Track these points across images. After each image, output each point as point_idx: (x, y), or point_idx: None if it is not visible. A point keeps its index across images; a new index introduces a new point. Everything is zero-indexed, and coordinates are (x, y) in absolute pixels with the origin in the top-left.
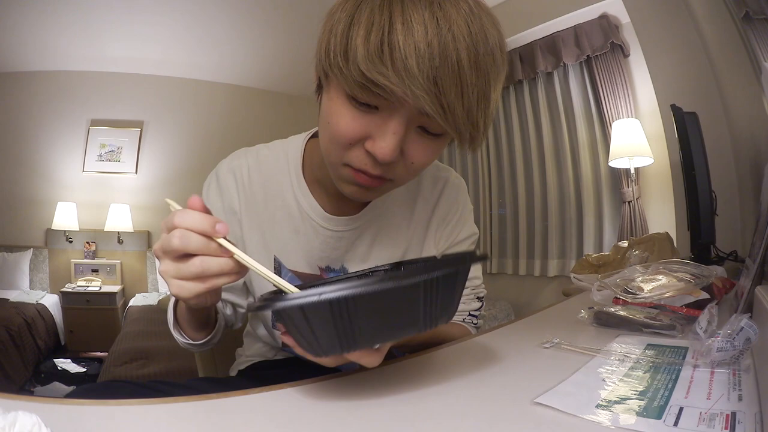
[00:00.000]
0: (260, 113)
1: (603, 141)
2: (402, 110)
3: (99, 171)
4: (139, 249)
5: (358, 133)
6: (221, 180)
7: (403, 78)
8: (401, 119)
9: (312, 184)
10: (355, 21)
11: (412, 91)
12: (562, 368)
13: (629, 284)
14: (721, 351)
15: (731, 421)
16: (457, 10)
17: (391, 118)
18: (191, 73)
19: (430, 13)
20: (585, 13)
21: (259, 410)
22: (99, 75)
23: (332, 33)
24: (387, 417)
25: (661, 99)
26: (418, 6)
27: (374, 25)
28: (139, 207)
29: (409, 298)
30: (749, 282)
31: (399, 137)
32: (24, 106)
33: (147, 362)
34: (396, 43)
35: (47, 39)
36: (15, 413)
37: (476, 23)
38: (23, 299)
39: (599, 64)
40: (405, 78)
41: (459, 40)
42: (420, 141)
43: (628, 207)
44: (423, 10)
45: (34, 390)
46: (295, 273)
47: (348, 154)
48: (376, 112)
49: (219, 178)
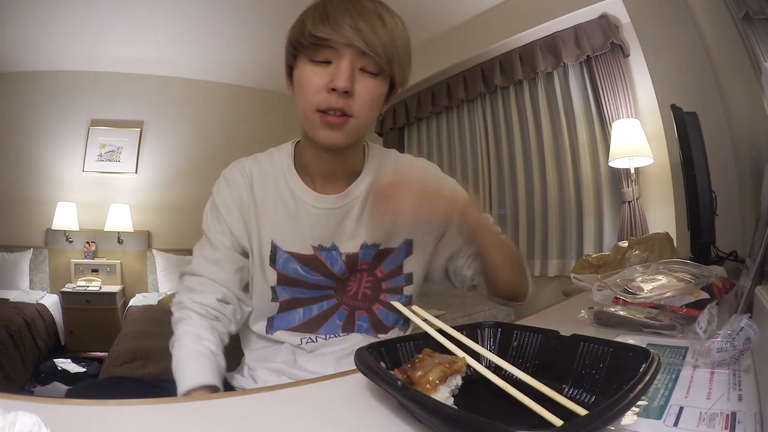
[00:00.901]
0: (260, 113)
1: (603, 141)
2: (345, 56)
3: (99, 171)
4: (139, 249)
5: (321, 80)
6: (230, 179)
7: (336, 29)
8: (346, 60)
9: (301, 172)
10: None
11: (342, 35)
12: None
13: (629, 284)
14: (721, 351)
15: (731, 421)
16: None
17: (340, 62)
18: (191, 73)
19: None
20: (585, 13)
21: (259, 410)
22: (99, 75)
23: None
24: (393, 417)
25: (661, 99)
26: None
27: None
28: (139, 207)
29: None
30: (749, 282)
31: (348, 71)
32: (24, 106)
33: (147, 362)
34: (328, 10)
35: (47, 39)
36: (15, 413)
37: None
38: (23, 299)
39: (599, 64)
40: (337, 28)
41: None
42: (364, 80)
43: (628, 207)
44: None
45: (34, 390)
46: (290, 254)
47: (317, 100)
48: (330, 65)
49: (228, 179)
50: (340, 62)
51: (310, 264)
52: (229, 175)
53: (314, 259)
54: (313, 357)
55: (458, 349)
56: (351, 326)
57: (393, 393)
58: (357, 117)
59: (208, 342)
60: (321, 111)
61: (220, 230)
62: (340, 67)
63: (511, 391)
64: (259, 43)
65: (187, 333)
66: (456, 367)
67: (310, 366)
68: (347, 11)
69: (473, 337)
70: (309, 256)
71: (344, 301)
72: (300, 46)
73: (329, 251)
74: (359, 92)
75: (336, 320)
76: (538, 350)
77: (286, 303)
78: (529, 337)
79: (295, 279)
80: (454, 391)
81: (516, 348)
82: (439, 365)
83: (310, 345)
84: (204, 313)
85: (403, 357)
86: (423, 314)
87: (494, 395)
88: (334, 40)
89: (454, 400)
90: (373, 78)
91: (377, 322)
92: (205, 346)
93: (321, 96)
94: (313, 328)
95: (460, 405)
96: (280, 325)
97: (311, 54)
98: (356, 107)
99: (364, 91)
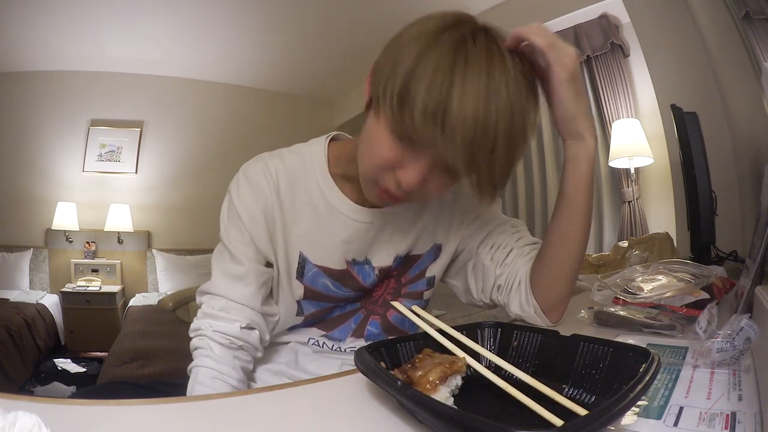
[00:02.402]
0: (260, 113)
1: (603, 141)
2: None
3: (99, 171)
4: (139, 249)
5: (393, 161)
6: (253, 182)
7: (448, 142)
8: (431, 160)
9: (338, 179)
10: (419, 72)
11: (451, 153)
12: None
13: (629, 284)
14: (721, 351)
15: (731, 421)
16: (506, 79)
17: (424, 155)
18: (191, 73)
19: (485, 84)
20: (585, 13)
21: (259, 410)
22: (99, 75)
23: (394, 70)
24: (393, 417)
25: (661, 99)
26: (475, 70)
27: (435, 85)
28: (139, 207)
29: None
30: (749, 282)
31: (424, 173)
32: (24, 106)
33: (147, 362)
34: (450, 111)
35: (47, 39)
36: (15, 413)
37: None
38: (23, 299)
39: (599, 64)
40: (450, 142)
41: (501, 115)
42: (441, 177)
43: (628, 207)
44: (479, 75)
45: (34, 390)
46: (320, 268)
47: (379, 176)
48: (412, 145)
49: (250, 180)
50: (422, 158)
51: (341, 279)
52: (252, 176)
53: (346, 273)
54: (316, 358)
55: (458, 349)
56: (362, 331)
57: (393, 393)
58: (414, 201)
59: (229, 378)
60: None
61: (242, 241)
62: (417, 164)
63: (511, 391)
64: (259, 42)
65: (206, 367)
66: (456, 367)
67: (312, 367)
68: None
69: (473, 337)
70: (341, 271)
71: (365, 306)
72: (390, 113)
73: (362, 265)
74: (429, 185)
75: (351, 323)
76: (538, 350)
77: (312, 316)
78: (529, 337)
79: (323, 294)
80: (454, 391)
81: (516, 348)
82: (439, 365)
83: (315, 348)
84: (226, 343)
85: (403, 357)
86: (423, 314)
87: (494, 395)
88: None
89: (454, 400)
90: (453, 178)
91: (389, 327)
92: (225, 382)
93: (385, 175)
94: (328, 327)
95: (460, 405)
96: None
97: (399, 129)
98: (417, 196)
99: (434, 186)
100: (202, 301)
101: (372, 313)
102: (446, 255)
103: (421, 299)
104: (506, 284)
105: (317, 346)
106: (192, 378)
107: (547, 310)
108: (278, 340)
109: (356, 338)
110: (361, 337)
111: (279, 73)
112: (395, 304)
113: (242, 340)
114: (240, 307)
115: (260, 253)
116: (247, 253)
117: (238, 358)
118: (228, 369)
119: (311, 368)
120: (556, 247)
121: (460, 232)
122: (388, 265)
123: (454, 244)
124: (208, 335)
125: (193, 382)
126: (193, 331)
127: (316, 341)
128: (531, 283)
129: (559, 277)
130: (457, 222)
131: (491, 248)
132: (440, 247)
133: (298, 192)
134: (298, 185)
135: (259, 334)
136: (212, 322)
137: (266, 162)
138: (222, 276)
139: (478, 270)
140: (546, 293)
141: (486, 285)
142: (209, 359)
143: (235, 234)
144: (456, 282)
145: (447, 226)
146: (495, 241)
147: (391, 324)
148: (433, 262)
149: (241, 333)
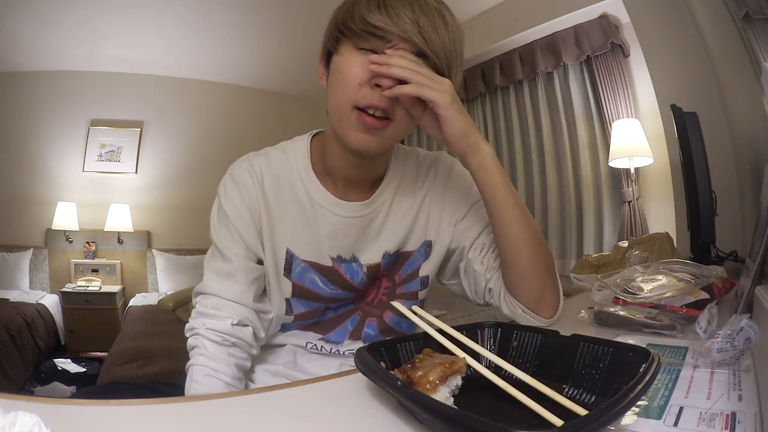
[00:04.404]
0: (260, 113)
1: (603, 141)
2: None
3: (99, 171)
4: (139, 249)
5: (366, 72)
6: (238, 180)
7: (394, 19)
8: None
9: (320, 174)
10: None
11: (401, 27)
12: None
13: (629, 284)
14: (721, 351)
15: (731, 421)
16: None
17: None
18: (191, 73)
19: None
20: (585, 13)
21: (259, 410)
22: (99, 75)
23: (340, 9)
24: (393, 417)
25: (661, 99)
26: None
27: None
28: (139, 207)
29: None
30: (749, 282)
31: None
32: (24, 106)
33: (147, 362)
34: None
35: (47, 39)
36: (15, 413)
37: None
38: (23, 299)
39: (599, 64)
40: (395, 19)
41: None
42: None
43: (628, 207)
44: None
45: (34, 390)
46: (308, 263)
47: (357, 95)
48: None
49: (236, 179)
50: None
51: (329, 276)
52: (237, 175)
53: (333, 271)
54: (315, 359)
55: (458, 349)
56: (359, 333)
57: (393, 393)
58: (398, 122)
59: (223, 375)
60: (359, 109)
61: (230, 239)
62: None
63: (511, 391)
64: (259, 43)
65: (201, 365)
66: (456, 367)
67: (311, 368)
68: (408, 2)
69: (473, 337)
70: (328, 268)
71: (361, 307)
72: (347, 30)
73: (349, 263)
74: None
75: (348, 325)
76: (538, 350)
77: (302, 316)
78: (529, 337)
79: (312, 292)
80: (454, 391)
81: (516, 348)
82: (439, 365)
83: (313, 350)
84: (219, 340)
85: (403, 357)
86: (423, 314)
87: (494, 395)
88: (389, 31)
89: (454, 400)
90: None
91: (387, 329)
92: (219, 379)
93: (362, 91)
94: (324, 330)
95: (460, 405)
96: (291, 328)
97: (359, 41)
98: (400, 110)
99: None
100: (196, 302)
101: (369, 315)
102: (438, 253)
103: (417, 300)
104: (496, 288)
105: (315, 349)
106: (188, 377)
107: (534, 308)
108: (275, 342)
109: (354, 340)
110: (358, 339)
111: (279, 73)
112: (395, 304)
113: (235, 337)
114: (231, 304)
115: (249, 250)
116: (236, 251)
117: (233, 355)
118: (222, 366)
119: (310, 369)
120: (505, 249)
121: (451, 229)
122: (377, 262)
123: (446, 241)
124: (201, 333)
125: (189, 380)
126: (188, 330)
127: (314, 345)
128: (506, 286)
129: (526, 273)
130: (447, 219)
131: (481, 252)
132: (431, 244)
133: (282, 189)
134: (282, 182)
135: (253, 330)
136: (205, 321)
137: (251, 161)
138: (213, 275)
139: (470, 274)
140: (521, 291)
141: (478, 289)
142: (203, 357)
143: (224, 233)
144: (453, 284)
145: (437, 223)
146: (484, 244)
147: (389, 326)
148: (425, 261)
149: (233, 330)
